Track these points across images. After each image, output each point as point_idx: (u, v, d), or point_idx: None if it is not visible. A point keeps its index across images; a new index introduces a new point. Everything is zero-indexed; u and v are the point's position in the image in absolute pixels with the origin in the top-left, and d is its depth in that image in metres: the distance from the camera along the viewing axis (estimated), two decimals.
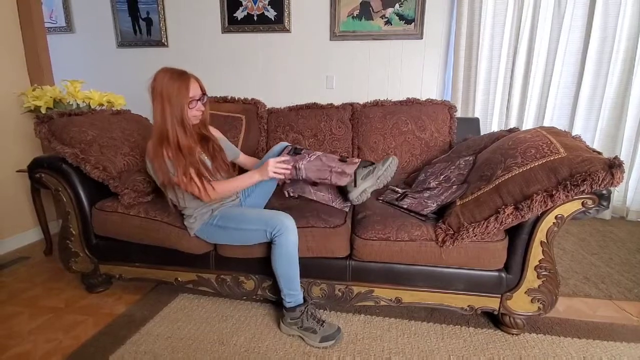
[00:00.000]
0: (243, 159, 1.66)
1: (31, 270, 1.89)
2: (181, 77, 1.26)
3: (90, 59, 3.11)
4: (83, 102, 1.97)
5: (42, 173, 1.52)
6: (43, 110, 1.86)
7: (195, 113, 1.32)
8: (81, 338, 1.34)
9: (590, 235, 2.30)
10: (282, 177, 1.37)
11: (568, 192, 1.04)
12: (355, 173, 1.39)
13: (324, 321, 1.31)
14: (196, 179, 1.26)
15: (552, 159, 1.12)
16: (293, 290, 1.32)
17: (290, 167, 1.38)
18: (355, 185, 1.40)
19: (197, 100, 1.30)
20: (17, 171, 2.04)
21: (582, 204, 1.13)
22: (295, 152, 1.45)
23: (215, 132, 1.54)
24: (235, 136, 1.96)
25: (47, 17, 3.05)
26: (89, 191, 1.53)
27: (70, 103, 1.96)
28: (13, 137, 2.11)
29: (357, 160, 1.45)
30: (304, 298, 1.35)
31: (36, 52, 2.20)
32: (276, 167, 1.33)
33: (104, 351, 1.26)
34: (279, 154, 1.46)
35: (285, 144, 1.54)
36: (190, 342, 1.30)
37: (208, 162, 1.38)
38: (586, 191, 1.05)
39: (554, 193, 1.06)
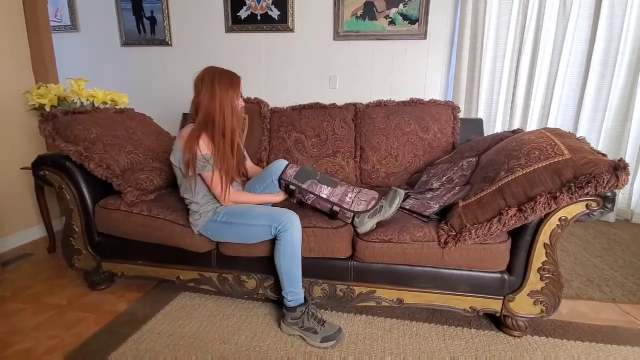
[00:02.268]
0: (248, 164, 1.65)
1: (34, 267, 1.90)
2: (232, 73, 1.39)
3: (95, 58, 3.13)
4: (87, 100, 1.98)
5: (46, 170, 1.53)
6: (47, 108, 1.87)
7: (239, 107, 1.39)
8: (83, 335, 1.35)
9: (594, 238, 2.29)
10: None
11: (572, 194, 1.03)
12: (366, 211, 1.33)
13: (325, 321, 1.30)
14: (224, 179, 1.32)
15: (556, 160, 1.11)
16: (295, 288, 1.32)
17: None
18: (361, 224, 1.33)
19: (241, 96, 1.40)
20: (22, 168, 2.05)
21: (586, 206, 1.12)
22: (299, 180, 1.39)
23: None
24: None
25: (52, 16, 3.06)
26: (92, 189, 1.54)
27: (75, 101, 1.97)
28: (18, 135, 2.12)
29: (364, 198, 1.37)
30: (305, 298, 1.35)
31: (41, 50, 2.21)
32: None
33: (105, 349, 1.26)
34: (281, 173, 1.42)
35: (284, 163, 1.47)
36: (191, 341, 1.30)
37: (234, 163, 1.40)
38: (590, 193, 1.04)
39: (557, 195, 1.05)
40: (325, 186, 1.36)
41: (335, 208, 1.33)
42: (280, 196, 1.46)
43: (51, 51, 2.28)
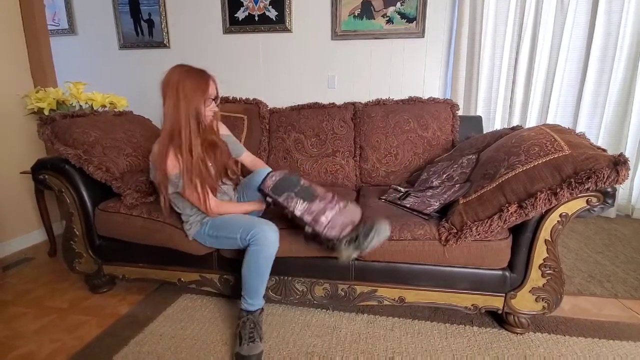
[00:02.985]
0: (247, 157, 1.57)
1: (36, 271, 1.90)
2: (200, 73, 1.25)
3: (93, 61, 3.13)
4: (86, 103, 1.98)
5: (45, 174, 1.53)
6: (46, 112, 1.87)
7: (208, 113, 1.29)
8: (85, 338, 1.35)
9: (595, 234, 2.28)
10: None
11: (572, 189, 1.03)
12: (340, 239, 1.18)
13: (255, 340, 1.20)
14: (199, 189, 1.24)
15: (556, 156, 1.11)
16: (251, 299, 1.27)
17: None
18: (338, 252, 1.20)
19: (212, 99, 1.29)
20: (21, 173, 2.05)
21: (587, 201, 1.12)
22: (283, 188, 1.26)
23: (222, 129, 1.49)
24: (237, 136, 1.96)
25: (50, 20, 3.06)
26: (92, 192, 1.54)
27: (73, 105, 1.97)
28: (17, 139, 2.12)
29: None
30: (256, 310, 1.28)
31: (39, 54, 2.21)
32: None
33: (107, 351, 1.26)
34: (260, 184, 1.30)
35: (266, 171, 1.37)
36: (193, 342, 1.30)
37: (212, 171, 1.34)
38: (591, 189, 1.04)
39: (558, 191, 1.05)
40: (301, 201, 1.21)
41: (308, 229, 1.20)
42: (263, 204, 1.38)
43: (49, 55, 2.28)
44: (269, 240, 1.21)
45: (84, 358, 1.24)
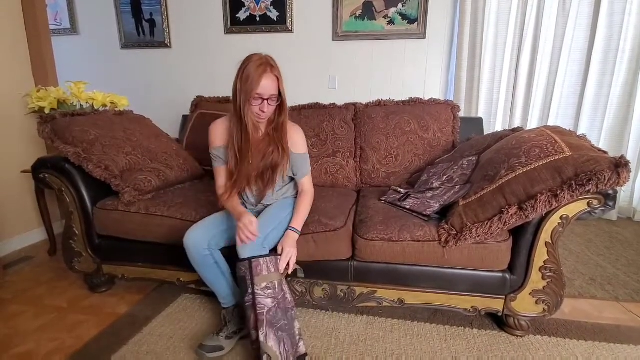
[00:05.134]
0: (302, 184, 1.38)
1: (36, 270, 1.90)
2: (260, 68, 1.14)
3: (95, 61, 3.13)
4: (87, 103, 1.98)
5: (45, 173, 1.53)
6: (47, 111, 1.87)
7: (255, 110, 1.19)
8: (84, 338, 1.34)
9: (596, 236, 2.27)
10: (239, 234, 1.14)
11: (573, 192, 1.02)
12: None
13: (218, 333, 1.25)
14: (222, 174, 1.30)
15: (556, 158, 1.10)
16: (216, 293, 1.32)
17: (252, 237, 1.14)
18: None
19: (265, 99, 1.17)
20: (22, 172, 2.05)
21: (588, 204, 1.12)
22: None
23: (293, 141, 1.32)
24: None
25: (52, 19, 3.07)
26: (92, 191, 1.54)
27: (74, 104, 1.97)
28: (18, 138, 2.12)
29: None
30: (229, 305, 1.32)
31: (41, 54, 2.21)
32: (247, 231, 1.13)
33: (106, 351, 1.26)
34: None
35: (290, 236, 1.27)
36: (192, 343, 1.30)
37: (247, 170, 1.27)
38: (592, 191, 1.03)
39: (558, 193, 1.04)
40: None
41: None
42: (240, 220, 1.15)
43: (51, 54, 2.28)
44: (187, 239, 1.22)
45: (82, 357, 1.24)
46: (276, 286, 1.11)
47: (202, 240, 1.22)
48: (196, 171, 1.86)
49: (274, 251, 1.22)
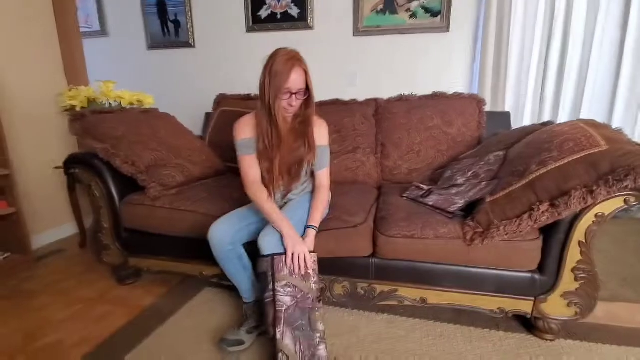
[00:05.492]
0: (319, 175, 1.34)
1: (66, 262, 1.99)
2: (288, 63, 1.14)
3: (123, 61, 3.24)
4: (115, 101, 2.05)
5: (76, 168, 1.59)
6: (78, 110, 1.95)
7: (284, 105, 1.18)
8: (110, 329, 1.39)
9: (629, 236, 2.14)
10: (294, 266, 1.11)
11: (610, 187, 0.96)
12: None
13: (240, 327, 1.27)
14: (252, 164, 1.26)
15: (592, 152, 1.04)
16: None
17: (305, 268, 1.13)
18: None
19: (293, 93, 1.17)
20: (55, 168, 2.15)
21: (625, 201, 1.05)
22: None
23: (318, 134, 1.30)
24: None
25: (83, 22, 3.19)
26: (119, 186, 1.59)
27: (103, 102, 2.04)
28: (51, 136, 2.22)
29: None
30: (249, 300, 1.33)
31: (72, 55, 2.32)
32: (302, 260, 1.11)
33: (131, 342, 1.30)
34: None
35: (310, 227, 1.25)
36: (213, 336, 1.32)
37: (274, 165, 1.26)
38: (629, 187, 0.97)
39: (594, 189, 0.98)
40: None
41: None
42: (294, 244, 1.12)
43: (81, 55, 2.39)
44: (210, 232, 1.23)
45: (108, 348, 1.29)
46: (296, 285, 1.10)
47: (226, 234, 1.22)
48: (219, 167, 1.89)
49: None
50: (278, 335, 1.05)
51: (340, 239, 1.30)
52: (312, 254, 1.15)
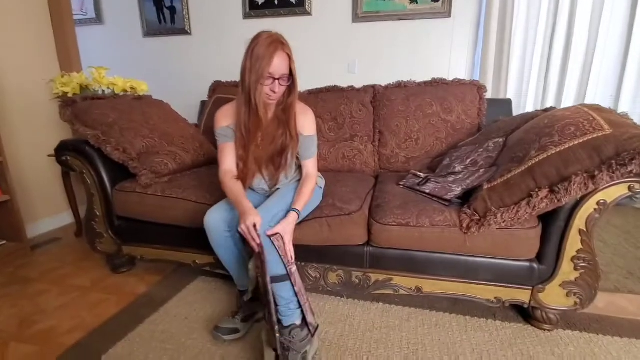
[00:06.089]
0: (306, 165, 1.29)
1: (62, 250, 1.98)
2: (270, 46, 1.08)
3: (119, 49, 3.19)
4: (108, 88, 2.01)
5: (67, 156, 1.57)
6: (70, 96, 1.92)
7: (266, 91, 1.12)
8: (104, 316, 1.38)
9: (635, 228, 2.10)
10: (246, 238, 1.04)
11: (613, 172, 0.92)
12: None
13: (234, 315, 1.25)
14: (229, 151, 1.23)
15: (595, 136, 1.00)
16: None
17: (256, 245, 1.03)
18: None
19: (276, 79, 1.11)
20: (49, 156, 2.12)
21: (629, 187, 1.01)
22: None
23: (302, 123, 1.25)
24: None
25: (78, 9, 3.14)
26: (111, 174, 1.57)
27: (96, 89, 2.01)
28: (45, 124, 2.20)
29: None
30: (244, 289, 1.29)
31: (65, 41, 2.28)
32: (251, 231, 1.02)
33: (124, 329, 1.29)
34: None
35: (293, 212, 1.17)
36: (206, 324, 1.30)
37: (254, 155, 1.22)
38: (634, 172, 0.93)
39: (596, 174, 0.94)
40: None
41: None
42: (245, 217, 1.03)
43: (74, 42, 2.34)
44: (206, 217, 1.18)
45: (101, 334, 1.27)
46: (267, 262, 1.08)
47: (223, 221, 1.17)
48: (213, 155, 1.85)
49: None
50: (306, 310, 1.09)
51: (334, 227, 1.27)
52: (276, 235, 1.06)
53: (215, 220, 1.17)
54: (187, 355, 1.15)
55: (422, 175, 1.50)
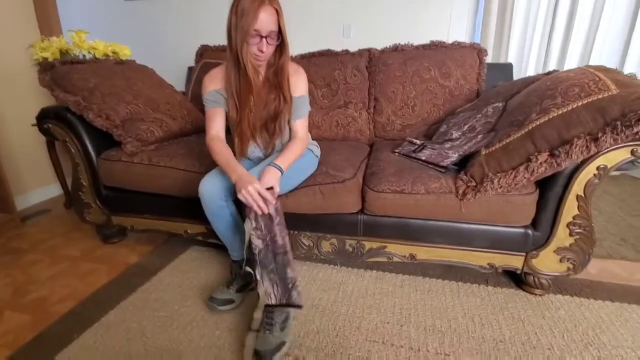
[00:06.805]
0: (295, 125, 1.23)
1: (52, 222, 1.95)
2: (256, 0, 0.99)
3: (100, 13, 3.01)
4: (88, 52, 1.91)
5: (49, 123, 1.50)
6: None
7: (253, 50, 1.05)
8: (95, 285, 1.37)
9: (631, 196, 2.10)
10: (250, 205, 1.00)
11: (617, 134, 0.88)
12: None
13: (227, 285, 1.24)
14: (218, 116, 1.18)
15: (600, 97, 0.95)
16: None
17: (266, 207, 1.01)
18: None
19: (263, 37, 1.03)
20: (33, 125, 2.04)
21: (632, 152, 0.97)
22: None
23: (295, 84, 1.18)
24: None
25: None
26: (96, 142, 1.51)
27: (77, 54, 1.90)
28: (27, 91, 2.10)
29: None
30: (239, 259, 1.29)
31: (45, 5, 2.13)
32: (255, 196, 0.99)
33: (116, 297, 1.28)
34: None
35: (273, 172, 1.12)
36: (199, 292, 1.30)
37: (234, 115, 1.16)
38: None
39: (599, 136, 0.90)
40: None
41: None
42: (244, 183, 1.00)
43: (54, 6, 2.20)
44: (201, 186, 1.13)
45: (93, 302, 1.27)
46: (262, 228, 1.03)
47: (218, 189, 1.12)
48: (201, 123, 1.78)
49: None
50: (258, 276, 1.02)
51: (328, 195, 1.24)
52: (270, 190, 1.03)
53: (210, 189, 1.12)
54: (181, 322, 1.15)
55: (418, 142, 1.46)
